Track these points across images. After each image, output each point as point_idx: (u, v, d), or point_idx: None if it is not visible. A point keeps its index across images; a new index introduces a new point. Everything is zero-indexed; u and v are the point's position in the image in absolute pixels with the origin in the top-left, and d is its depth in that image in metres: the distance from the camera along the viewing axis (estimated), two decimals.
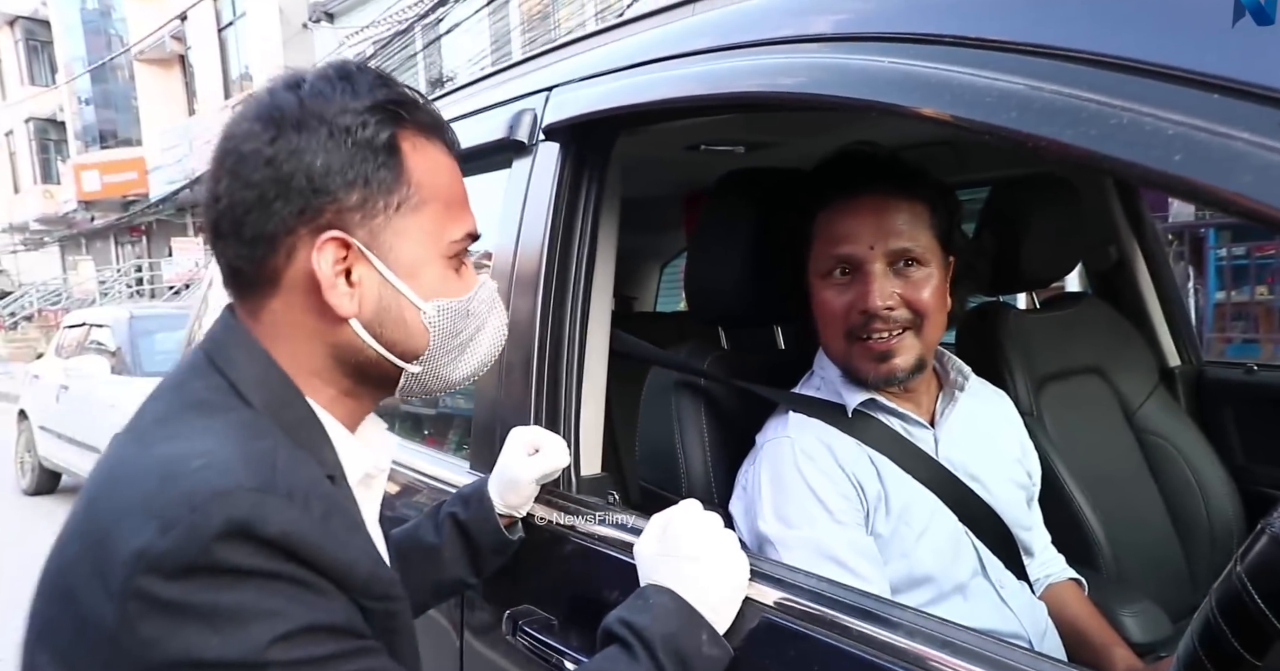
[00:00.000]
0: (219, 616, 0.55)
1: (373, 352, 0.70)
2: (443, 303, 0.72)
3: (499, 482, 1.01)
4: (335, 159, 0.66)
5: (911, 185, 1.03)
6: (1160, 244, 1.83)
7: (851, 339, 1.03)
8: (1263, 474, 1.69)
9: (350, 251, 0.67)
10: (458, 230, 0.73)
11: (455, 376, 0.76)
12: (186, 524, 0.55)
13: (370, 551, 0.65)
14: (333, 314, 0.67)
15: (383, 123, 0.67)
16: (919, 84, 0.69)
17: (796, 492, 0.99)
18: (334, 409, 0.71)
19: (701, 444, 1.15)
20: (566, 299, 1.11)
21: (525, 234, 1.16)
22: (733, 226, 1.19)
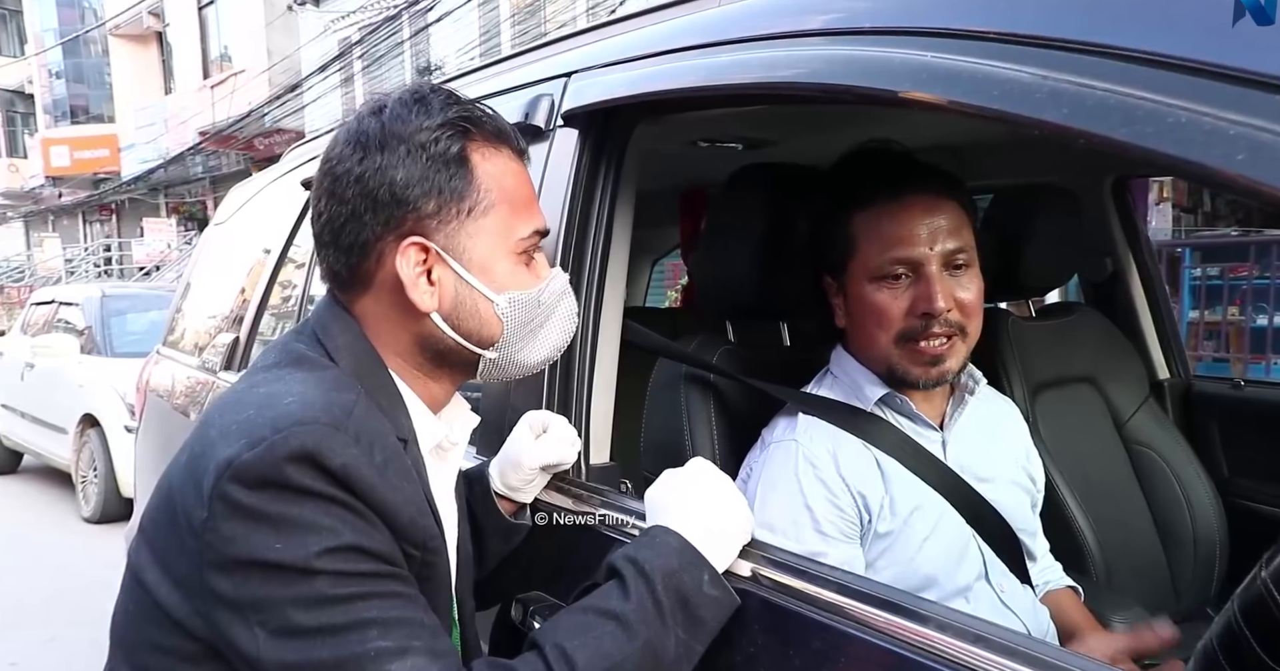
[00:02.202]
0: (284, 524, 0.64)
1: (452, 341, 0.79)
2: (514, 294, 0.80)
3: (500, 461, 1.02)
4: (413, 173, 0.75)
5: (952, 185, 1.03)
6: (1154, 258, 1.86)
7: (903, 341, 1.02)
8: (1247, 488, 1.72)
9: (430, 254, 0.76)
10: (525, 228, 0.80)
11: (531, 360, 0.84)
12: (268, 443, 0.65)
13: (418, 503, 0.73)
14: (416, 309, 0.77)
15: (453, 138, 0.76)
16: (964, 79, 0.69)
17: (789, 500, 0.99)
18: (415, 386, 0.81)
19: (710, 438, 1.15)
20: (581, 286, 1.10)
21: None
22: (748, 220, 1.18)
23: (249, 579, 0.64)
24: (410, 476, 0.73)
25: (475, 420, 0.90)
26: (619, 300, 1.15)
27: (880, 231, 1.02)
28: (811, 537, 0.98)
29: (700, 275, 1.26)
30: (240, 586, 0.64)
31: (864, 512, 1.00)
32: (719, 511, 0.80)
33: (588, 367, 1.09)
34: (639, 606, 0.72)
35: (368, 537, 0.67)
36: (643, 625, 0.71)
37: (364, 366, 0.77)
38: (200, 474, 0.66)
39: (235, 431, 0.67)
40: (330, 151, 0.79)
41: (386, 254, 0.76)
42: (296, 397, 0.69)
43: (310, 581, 0.64)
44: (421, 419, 0.80)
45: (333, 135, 0.81)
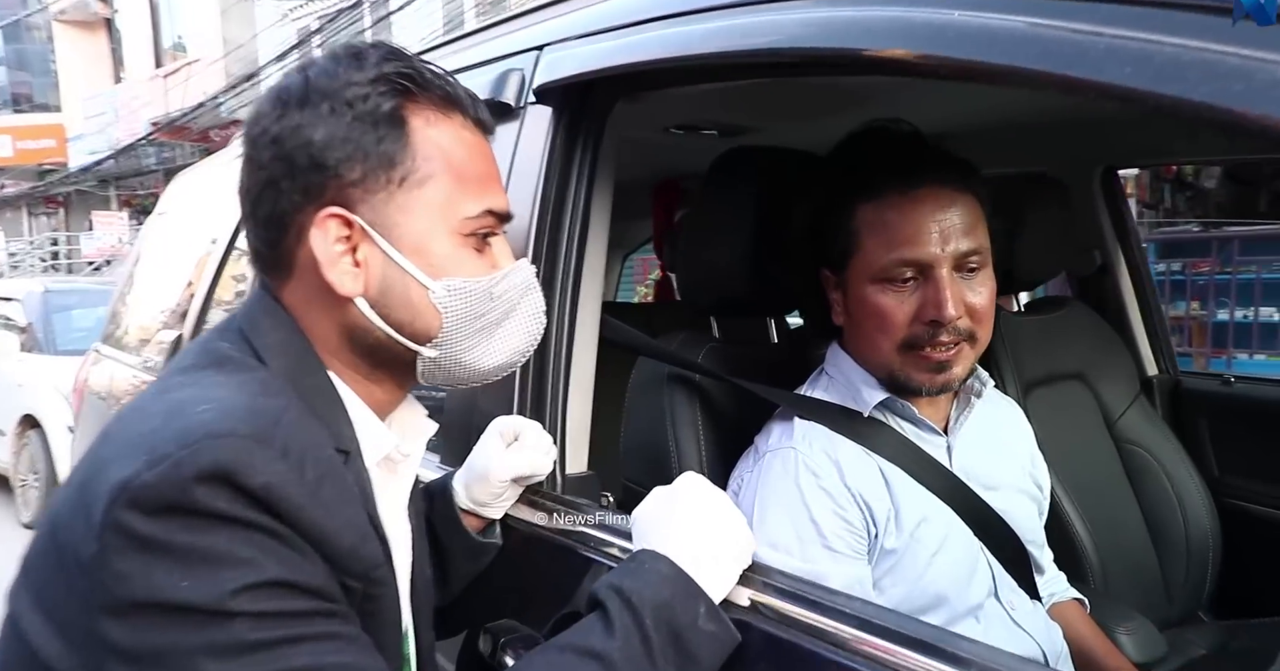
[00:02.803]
0: (193, 557, 0.54)
1: (381, 333, 0.69)
2: (455, 282, 0.69)
3: (466, 473, 0.92)
4: (335, 132, 0.65)
5: (967, 178, 0.94)
6: (1143, 251, 1.81)
7: (908, 348, 0.93)
8: (1237, 486, 1.68)
9: (354, 229, 0.66)
10: (473, 206, 0.69)
11: (484, 364, 0.73)
12: (174, 460, 0.55)
13: (359, 526, 0.63)
14: (339, 294, 0.67)
15: (386, 95, 0.66)
16: (997, 39, 0.61)
17: (792, 513, 0.90)
18: (358, 390, 0.70)
19: (696, 443, 1.06)
20: (555, 279, 1.00)
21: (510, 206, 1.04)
22: (737, 207, 1.09)
23: (149, 624, 0.54)
24: (350, 495, 0.64)
25: (431, 428, 0.80)
26: (597, 294, 1.05)
27: (887, 228, 0.92)
28: (819, 555, 0.89)
29: (684, 268, 1.17)
30: (139, 633, 0.54)
31: (871, 526, 0.91)
32: (716, 533, 0.71)
33: (563, 367, 0.99)
34: (625, 644, 0.63)
35: (296, 570, 0.57)
36: (629, 666, 0.63)
37: (298, 367, 0.67)
38: (91, 500, 0.56)
39: (134, 447, 0.56)
40: (253, 112, 0.69)
41: (306, 228, 0.66)
42: (213, 405, 0.59)
43: (225, 625, 0.54)
44: (367, 427, 0.70)
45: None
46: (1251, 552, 1.62)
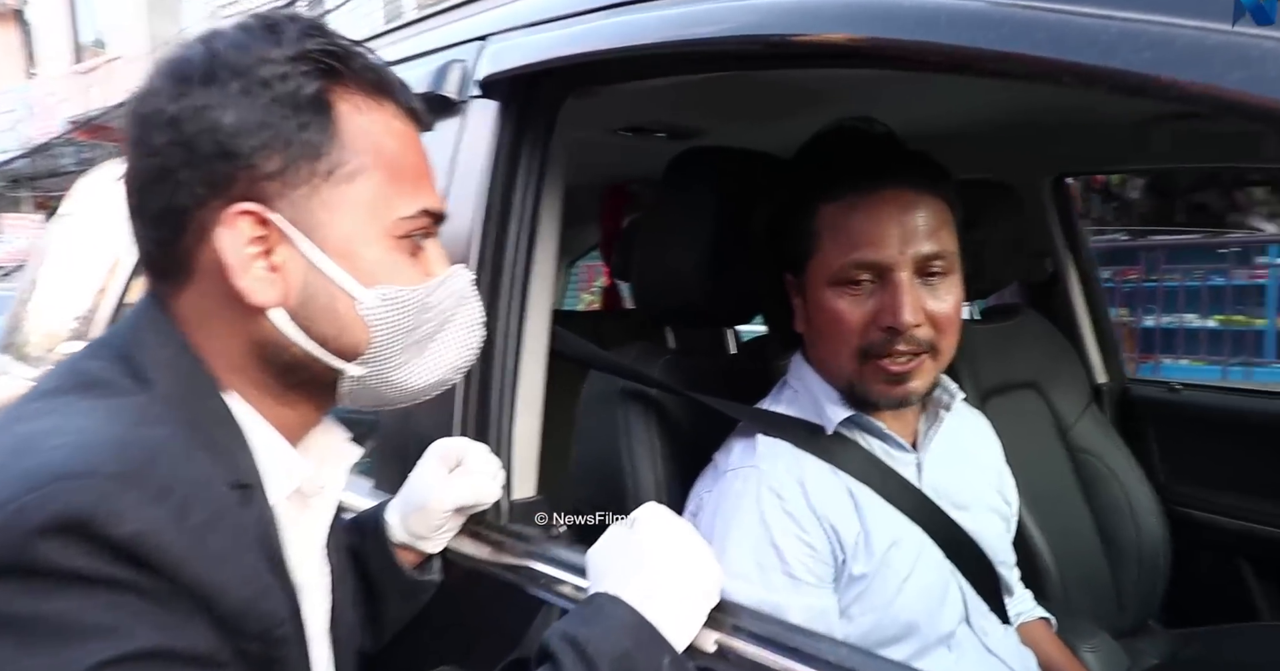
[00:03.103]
0: (35, 630, 0.45)
1: (300, 349, 0.60)
2: (388, 290, 0.60)
3: (403, 504, 0.83)
4: (250, 116, 0.56)
5: (936, 179, 0.89)
6: (1093, 259, 1.81)
7: (865, 358, 0.88)
8: (1184, 494, 1.68)
9: (270, 229, 0.57)
10: (408, 205, 0.61)
11: (416, 382, 0.64)
12: (17, 507, 0.46)
13: (256, 578, 0.55)
14: (249, 304, 0.57)
15: (310, 75, 0.58)
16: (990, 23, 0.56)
17: (753, 537, 0.84)
18: (266, 413, 0.61)
19: (653, 460, 0.99)
20: (501, 288, 0.92)
21: (451, 209, 0.96)
22: (695, 211, 1.03)
23: None
24: (246, 540, 0.55)
25: (354, 453, 0.71)
26: (546, 303, 0.97)
27: (846, 228, 0.87)
28: (780, 583, 0.83)
29: (639, 274, 1.10)
30: None
31: (838, 551, 0.86)
32: (680, 573, 0.65)
33: (510, 382, 0.91)
34: None
35: (175, 635, 0.49)
36: None
37: (188, 389, 0.58)
38: None
39: None
40: (141, 88, 0.59)
41: (210, 227, 0.56)
42: (70, 439, 0.50)
43: None
44: (274, 457, 0.61)
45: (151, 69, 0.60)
46: (1199, 560, 1.63)
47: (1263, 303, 5.93)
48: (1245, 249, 6.00)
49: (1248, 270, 5.94)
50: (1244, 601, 1.61)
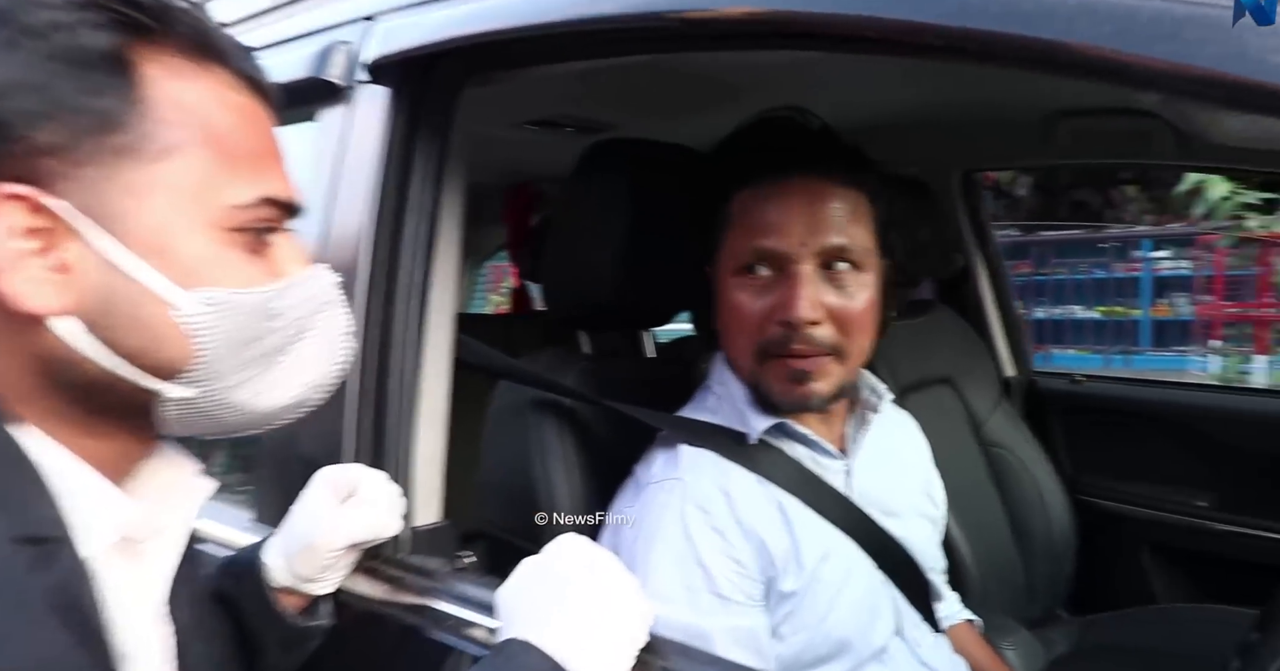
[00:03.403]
0: None
1: (94, 367, 0.49)
2: (214, 294, 0.50)
3: (286, 541, 0.73)
4: (13, 74, 0.45)
5: (853, 169, 0.85)
6: (1000, 253, 1.84)
7: (765, 356, 0.83)
8: (1089, 484, 1.73)
9: (48, 218, 0.47)
10: (243, 191, 0.51)
11: (264, 404, 0.54)
12: None
13: (47, 655, 0.45)
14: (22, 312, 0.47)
15: (102, 28, 0.47)
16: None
17: (678, 555, 0.79)
18: (74, 447, 0.50)
19: (569, 477, 0.92)
20: (398, 293, 0.83)
21: (340, 206, 0.86)
22: (609, 206, 0.96)
23: None
24: (35, 608, 0.45)
25: (204, 489, 0.60)
26: (449, 309, 0.89)
27: (751, 217, 0.84)
28: (709, 604, 0.78)
29: (548, 274, 1.03)
30: None
31: (767, 566, 0.81)
32: (603, 614, 0.58)
33: (410, 396, 0.83)
34: None
35: None
36: None
37: None
38: None
39: None
40: None
41: None
42: None
43: None
44: (85, 500, 0.50)
45: None
46: (1103, 547, 1.67)
47: (1138, 294, 6.31)
48: (1123, 244, 6.37)
49: (1125, 264, 6.31)
50: (1143, 586, 1.66)
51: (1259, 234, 3.55)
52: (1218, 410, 1.62)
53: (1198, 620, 1.48)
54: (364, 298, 0.80)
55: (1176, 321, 6.06)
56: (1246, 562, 1.52)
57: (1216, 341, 4.25)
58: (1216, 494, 1.59)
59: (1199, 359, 4.46)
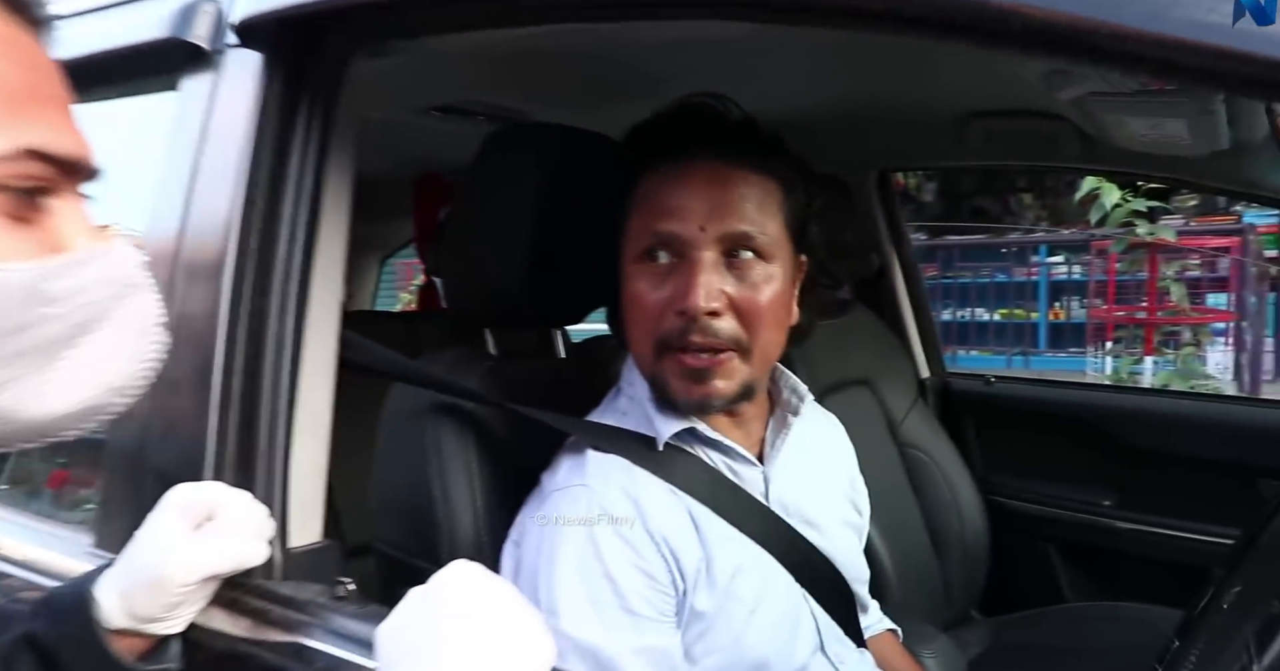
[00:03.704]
0: None
1: None
2: None
3: (125, 575, 0.62)
4: None
5: (766, 156, 0.80)
6: (914, 254, 1.84)
7: (663, 349, 0.77)
8: (1000, 484, 1.74)
9: None
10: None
11: (39, 411, 0.43)
12: None
13: None
14: None
15: None
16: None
17: (584, 569, 0.72)
18: None
19: (470, 488, 0.84)
20: (272, 285, 0.73)
21: (202, 186, 0.76)
22: (512, 193, 0.89)
23: None
24: None
25: None
26: (334, 303, 0.80)
27: (653, 200, 0.78)
28: (618, 621, 0.71)
29: (449, 267, 0.95)
30: None
31: (678, 580, 0.75)
32: (493, 657, 0.51)
33: (285, 401, 0.73)
34: None
35: None
36: None
37: None
38: None
39: None
40: None
41: None
42: None
43: None
44: None
45: None
46: (1012, 547, 1.68)
47: (1036, 298, 6.59)
48: (1022, 249, 6.64)
49: (1024, 268, 6.58)
50: (1052, 585, 1.68)
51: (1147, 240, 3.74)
52: (1120, 410, 1.66)
53: (1106, 618, 1.50)
54: (230, 288, 0.70)
55: (1071, 324, 6.36)
56: (1149, 559, 1.56)
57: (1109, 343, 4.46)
58: (1119, 493, 1.62)
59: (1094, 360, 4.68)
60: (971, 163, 1.67)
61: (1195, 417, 1.56)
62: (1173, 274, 4.05)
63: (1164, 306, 4.04)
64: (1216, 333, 4.51)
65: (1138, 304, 4.52)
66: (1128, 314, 4.58)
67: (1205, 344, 4.12)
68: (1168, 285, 3.98)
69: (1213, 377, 4.06)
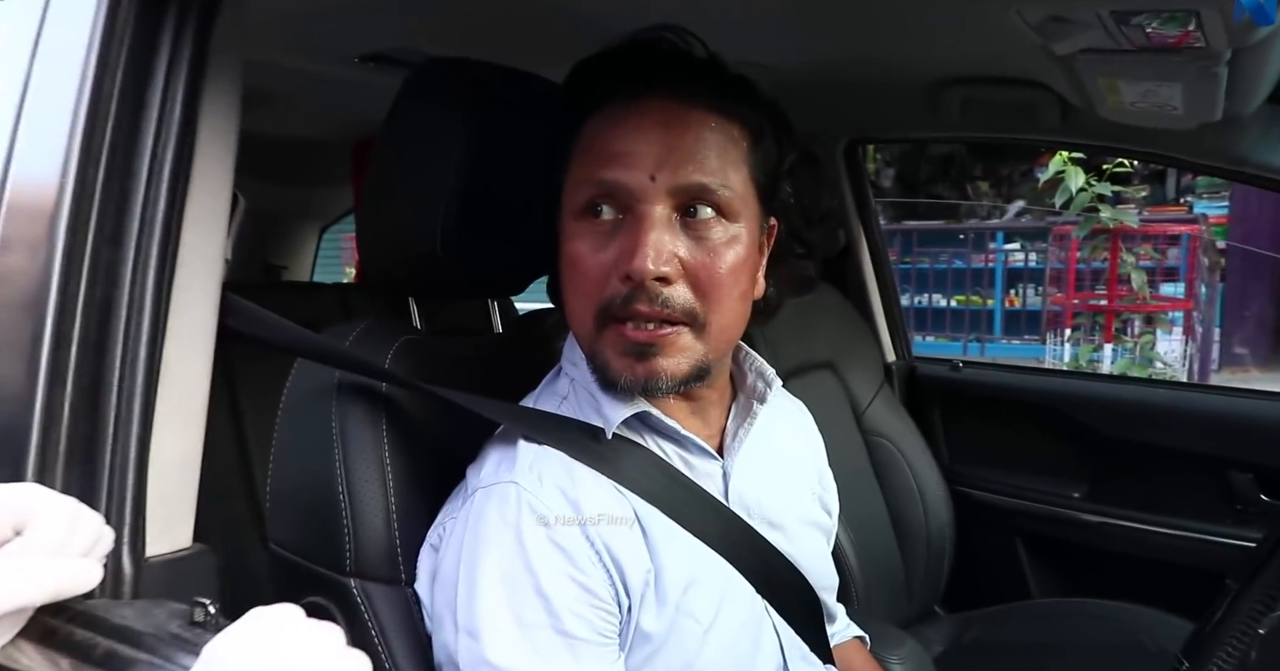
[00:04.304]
0: None
1: None
2: None
3: None
4: None
5: (729, 97, 0.68)
6: (882, 232, 1.74)
7: (605, 320, 0.65)
8: (965, 473, 1.66)
9: None
10: None
11: None
12: None
13: None
14: None
15: None
16: None
17: (511, 580, 0.61)
18: None
19: (382, 482, 0.71)
20: (125, 233, 0.60)
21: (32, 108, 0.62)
22: (435, 140, 0.76)
23: None
24: None
25: None
26: (213, 258, 0.66)
27: (597, 145, 0.66)
28: (551, 645, 0.60)
29: (364, 228, 0.82)
30: None
31: (622, 596, 0.64)
32: None
33: (143, 379, 0.59)
34: None
35: None
36: None
37: None
38: None
39: None
40: None
41: None
42: None
43: None
44: None
45: None
46: (977, 540, 1.61)
47: (992, 284, 6.60)
48: (979, 235, 6.65)
49: (982, 255, 6.58)
50: (1018, 580, 1.61)
51: (1109, 226, 3.72)
52: (1091, 398, 1.59)
53: (1074, 614, 1.44)
54: (65, 236, 0.56)
55: (1027, 311, 6.39)
56: (1119, 554, 1.50)
57: (1068, 330, 4.47)
58: (1088, 484, 1.56)
59: (1053, 347, 4.69)
60: (944, 134, 1.57)
61: (1169, 407, 1.50)
62: (1133, 261, 4.05)
63: (1123, 294, 4.04)
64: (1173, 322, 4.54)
65: (1094, 291, 4.53)
66: (1086, 301, 4.59)
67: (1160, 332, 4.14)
68: (1128, 272, 3.98)
69: (1170, 366, 4.08)
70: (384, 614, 0.68)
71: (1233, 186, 5.33)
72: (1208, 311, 5.04)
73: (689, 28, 0.73)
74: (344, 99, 1.61)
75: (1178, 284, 4.85)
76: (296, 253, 2.49)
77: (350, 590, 0.69)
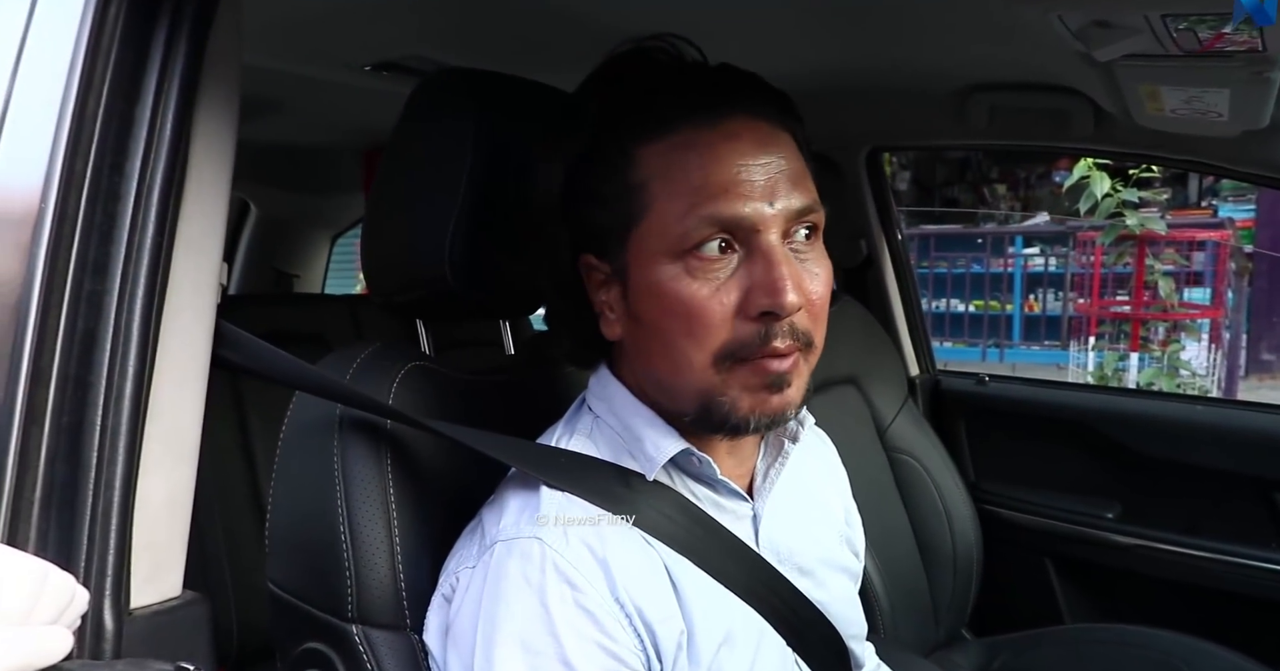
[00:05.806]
0: None
1: None
2: None
3: None
4: None
5: (788, 111, 0.64)
6: (905, 242, 1.69)
7: (731, 362, 0.60)
8: (992, 491, 1.61)
9: None
10: None
11: None
12: None
13: None
14: None
15: None
16: None
17: (533, 649, 0.57)
18: None
19: (386, 525, 0.67)
20: (113, 265, 0.56)
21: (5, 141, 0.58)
22: (439, 156, 0.72)
23: None
24: None
25: None
26: (207, 286, 0.62)
27: (686, 175, 0.60)
28: None
29: (367, 247, 0.77)
30: None
31: (654, 660, 0.59)
32: None
33: (128, 415, 0.55)
34: None
35: None
36: None
37: None
38: None
39: None
40: None
41: None
42: None
43: None
44: None
45: None
46: (1005, 561, 1.56)
47: (1011, 289, 6.52)
48: (997, 239, 6.56)
49: (1000, 259, 6.50)
50: (1049, 603, 1.56)
51: (1136, 232, 3.64)
52: (1126, 414, 1.53)
53: (1108, 642, 1.38)
54: (47, 259, 0.52)
55: (1047, 317, 6.30)
56: (1155, 579, 1.44)
57: (1092, 338, 4.38)
58: (1124, 505, 1.50)
59: (1077, 354, 4.60)
60: (971, 142, 1.51)
61: (1209, 425, 1.44)
62: (1160, 267, 3.96)
63: (1149, 301, 3.95)
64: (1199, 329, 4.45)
65: (1117, 298, 4.44)
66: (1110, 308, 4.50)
67: (1188, 339, 4.05)
68: (1155, 279, 3.89)
69: (1199, 375, 3.99)
70: (387, 662, 0.64)
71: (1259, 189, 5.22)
72: (1235, 317, 4.93)
73: (712, 37, 0.69)
74: (356, 107, 1.59)
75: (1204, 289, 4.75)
76: (309, 261, 2.47)
77: (351, 636, 0.65)
